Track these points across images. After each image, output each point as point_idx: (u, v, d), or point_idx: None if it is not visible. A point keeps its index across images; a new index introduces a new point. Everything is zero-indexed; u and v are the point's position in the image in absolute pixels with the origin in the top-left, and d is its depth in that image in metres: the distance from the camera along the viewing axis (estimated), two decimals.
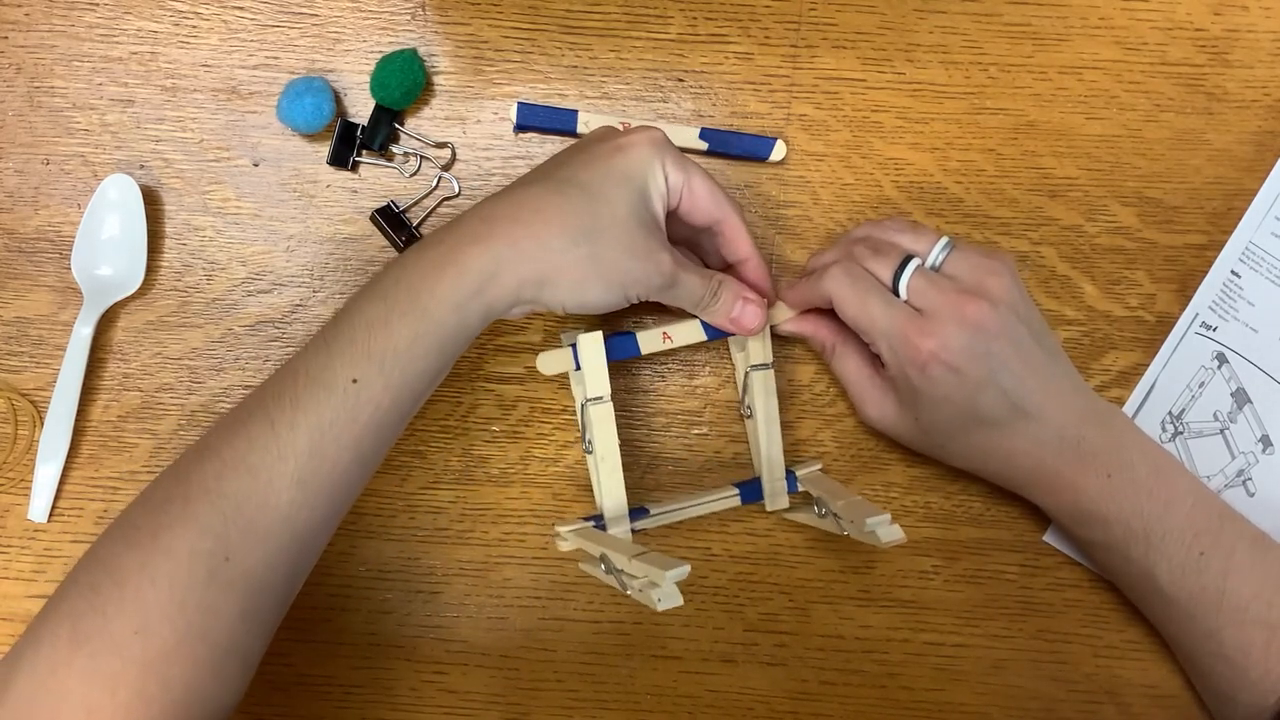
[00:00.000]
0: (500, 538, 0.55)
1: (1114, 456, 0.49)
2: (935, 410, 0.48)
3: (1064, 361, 0.50)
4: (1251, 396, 0.54)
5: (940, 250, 0.49)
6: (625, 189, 0.44)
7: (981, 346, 0.46)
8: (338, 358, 0.41)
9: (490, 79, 0.55)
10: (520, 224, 0.43)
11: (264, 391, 0.42)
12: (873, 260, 0.49)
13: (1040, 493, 0.51)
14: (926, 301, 0.47)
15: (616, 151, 0.45)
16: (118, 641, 0.38)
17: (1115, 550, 0.50)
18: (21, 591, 0.55)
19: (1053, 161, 0.55)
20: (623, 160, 0.45)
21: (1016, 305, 0.48)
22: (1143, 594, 0.51)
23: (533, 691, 0.55)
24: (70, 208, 0.55)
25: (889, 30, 0.55)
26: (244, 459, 0.40)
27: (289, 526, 0.41)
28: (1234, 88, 0.55)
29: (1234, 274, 0.54)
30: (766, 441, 0.53)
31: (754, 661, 0.55)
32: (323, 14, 0.55)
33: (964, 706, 0.55)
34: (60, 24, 0.55)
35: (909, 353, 0.47)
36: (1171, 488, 0.49)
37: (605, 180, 0.44)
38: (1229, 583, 0.48)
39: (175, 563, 0.39)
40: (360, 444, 0.42)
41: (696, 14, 0.55)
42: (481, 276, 0.42)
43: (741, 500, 0.54)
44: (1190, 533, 0.48)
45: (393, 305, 0.42)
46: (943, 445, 0.51)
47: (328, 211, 0.55)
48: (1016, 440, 0.49)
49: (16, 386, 0.55)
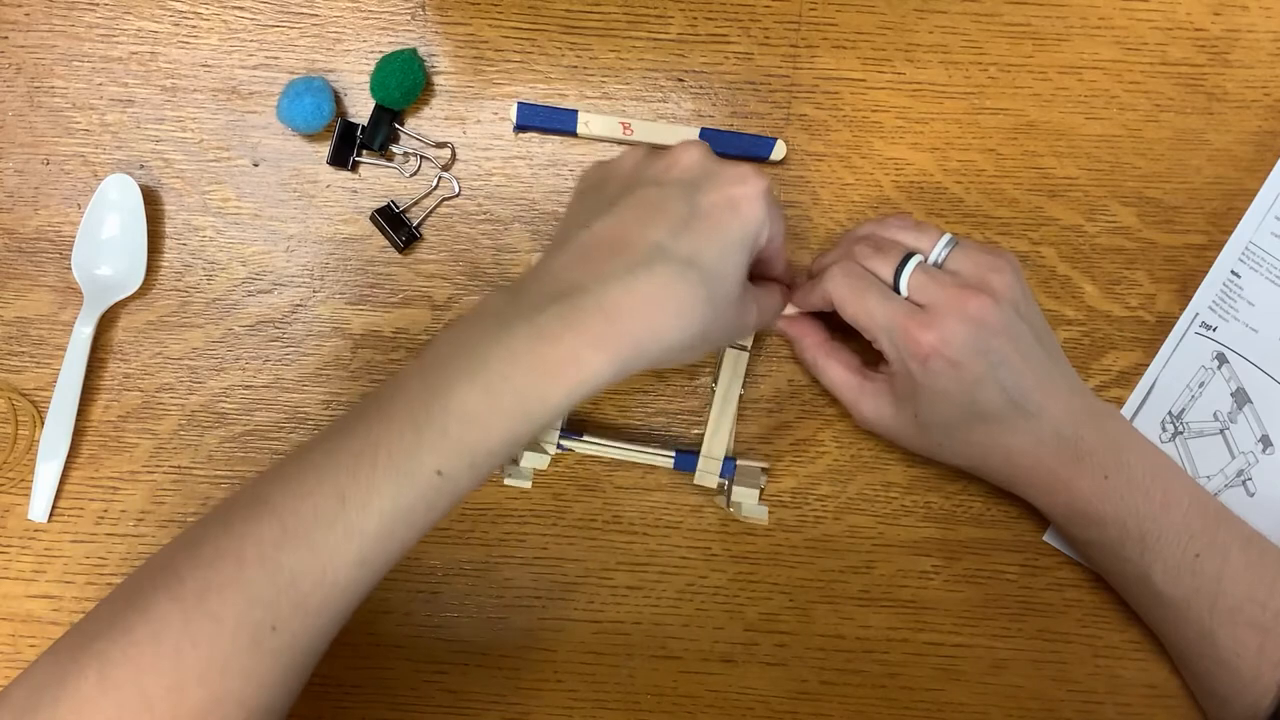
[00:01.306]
0: (500, 538, 0.55)
1: (1111, 457, 0.49)
2: (934, 405, 0.48)
3: (1063, 362, 0.50)
4: (1251, 396, 0.54)
5: (943, 247, 0.49)
6: (740, 257, 0.43)
7: (982, 342, 0.46)
8: (427, 448, 0.38)
9: (490, 79, 0.55)
10: (645, 323, 0.40)
11: (336, 455, 0.39)
12: (874, 258, 0.49)
13: (1037, 492, 0.51)
14: (928, 297, 0.47)
15: (733, 213, 0.43)
16: (149, 697, 0.36)
17: (1111, 551, 0.50)
18: (21, 591, 0.55)
19: (1053, 161, 0.55)
20: (739, 225, 0.43)
21: (1018, 303, 0.48)
22: (1138, 595, 0.51)
23: (533, 691, 0.55)
24: (70, 208, 0.55)
25: (889, 30, 0.55)
26: (308, 533, 0.38)
27: (343, 601, 0.39)
28: (1234, 88, 0.55)
29: (1234, 274, 0.54)
30: (717, 417, 0.53)
31: (754, 661, 0.55)
32: (323, 14, 0.55)
33: (964, 706, 0.55)
34: (60, 24, 0.55)
35: (910, 346, 0.47)
36: (1168, 489, 0.49)
37: (725, 255, 0.42)
38: (1223, 585, 0.48)
39: (220, 627, 0.37)
40: (430, 524, 0.40)
41: (696, 14, 0.55)
42: (598, 381, 0.39)
43: (675, 466, 0.53)
44: (1186, 534, 0.48)
45: (496, 403, 0.39)
46: (940, 443, 0.50)
47: (328, 211, 0.55)
48: (1015, 438, 0.49)
49: (16, 386, 0.55)
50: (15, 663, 0.55)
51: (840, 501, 0.55)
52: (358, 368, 0.55)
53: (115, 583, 0.55)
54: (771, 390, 0.55)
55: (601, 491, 0.55)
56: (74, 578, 0.55)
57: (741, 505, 0.52)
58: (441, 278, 0.55)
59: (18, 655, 0.55)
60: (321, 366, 0.55)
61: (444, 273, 0.55)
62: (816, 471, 0.55)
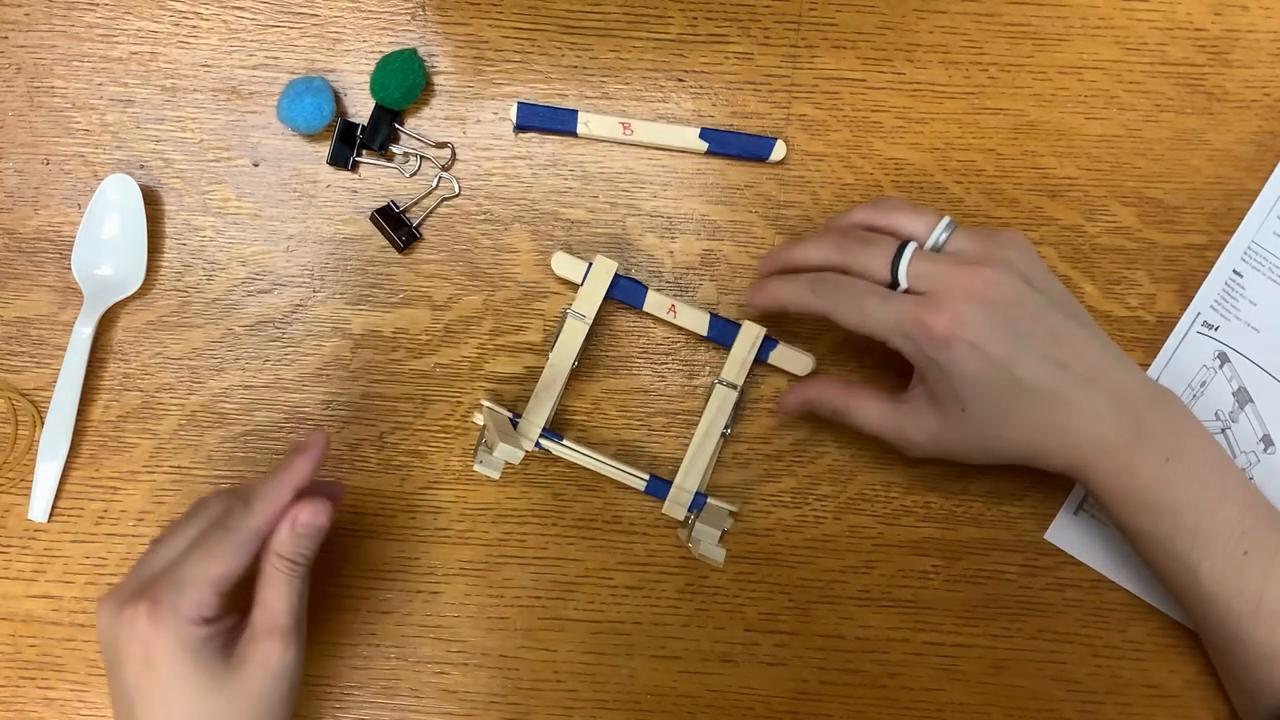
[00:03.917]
0: (500, 538, 0.55)
1: (1172, 441, 0.46)
2: (976, 389, 0.46)
3: (1101, 334, 0.48)
4: (1253, 396, 0.54)
5: (941, 230, 0.47)
6: None
7: (999, 317, 0.44)
8: None
9: (490, 79, 0.55)
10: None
11: None
12: (865, 252, 0.47)
13: (1097, 475, 0.47)
14: (931, 283, 0.45)
15: None
16: None
17: (1162, 545, 0.47)
18: (21, 591, 0.55)
19: (1053, 161, 0.55)
20: None
21: (1030, 275, 0.46)
22: (1181, 589, 0.49)
23: (533, 691, 0.55)
24: (70, 208, 0.55)
25: (889, 30, 0.55)
26: None
27: None
28: (1234, 88, 0.55)
29: (1236, 273, 0.54)
30: (694, 453, 0.53)
31: (754, 661, 0.55)
32: (323, 14, 0.55)
33: (964, 706, 0.55)
34: (60, 24, 0.55)
35: (925, 336, 0.45)
36: (1225, 481, 0.47)
37: None
38: (1269, 586, 0.46)
39: None
40: None
41: (696, 14, 0.55)
42: None
43: (646, 490, 0.53)
44: (1238, 531, 0.46)
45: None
46: (998, 433, 0.47)
47: (328, 211, 0.55)
48: (1069, 412, 0.46)
49: (16, 386, 0.55)
50: (15, 663, 0.55)
51: (840, 501, 0.55)
52: (358, 368, 0.55)
53: (115, 583, 0.55)
54: (771, 390, 0.55)
55: (601, 491, 0.55)
56: (74, 578, 0.55)
57: (700, 543, 0.50)
58: (441, 278, 0.55)
59: (17, 655, 0.55)
60: (321, 366, 0.55)
61: (444, 273, 0.55)
62: (816, 471, 0.55)
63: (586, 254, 0.53)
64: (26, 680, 0.55)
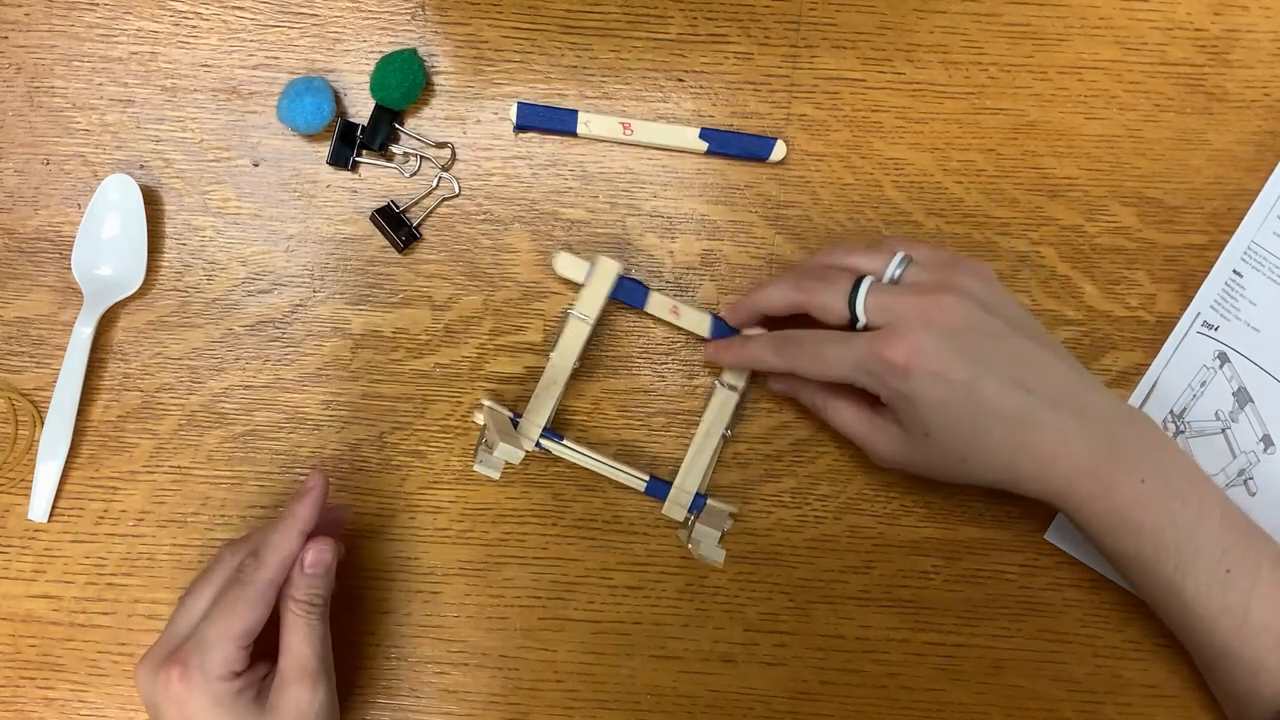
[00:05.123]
0: (500, 538, 0.55)
1: (1147, 460, 0.46)
2: (942, 416, 0.46)
3: (1067, 356, 0.48)
4: (1253, 396, 0.54)
5: (896, 265, 0.47)
6: None
7: (957, 342, 0.45)
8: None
9: (490, 79, 0.55)
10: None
11: None
12: (822, 291, 0.48)
13: (1075, 499, 0.47)
14: (888, 315, 0.46)
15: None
16: None
17: (1144, 566, 0.47)
18: (21, 591, 0.55)
19: (1053, 161, 0.55)
20: None
21: (988, 300, 0.46)
22: (1166, 607, 0.49)
23: (533, 691, 0.55)
24: (70, 208, 0.55)
25: (889, 30, 0.55)
26: None
27: None
28: (1234, 88, 0.55)
29: (1236, 273, 0.54)
30: (694, 454, 0.54)
31: (754, 661, 0.55)
32: (323, 14, 0.55)
33: (964, 706, 0.55)
34: (60, 24, 0.55)
35: (885, 369, 0.45)
36: (1203, 497, 0.47)
37: None
38: (1253, 603, 0.46)
39: None
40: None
41: (696, 14, 0.55)
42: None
43: (646, 491, 0.53)
44: (1219, 548, 0.46)
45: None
46: (965, 458, 0.47)
47: (328, 211, 0.55)
48: (1037, 434, 0.46)
49: (16, 386, 0.55)
50: (15, 663, 0.55)
51: (840, 501, 0.55)
52: (358, 368, 0.55)
53: (115, 583, 0.55)
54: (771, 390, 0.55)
55: (601, 492, 0.55)
56: (74, 578, 0.55)
57: (700, 544, 0.51)
58: (441, 278, 0.55)
59: (17, 655, 0.55)
60: (321, 366, 0.55)
61: (444, 273, 0.55)
62: (816, 471, 0.55)
63: (587, 254, 0.53)
64: (26, 680, 0.55)
